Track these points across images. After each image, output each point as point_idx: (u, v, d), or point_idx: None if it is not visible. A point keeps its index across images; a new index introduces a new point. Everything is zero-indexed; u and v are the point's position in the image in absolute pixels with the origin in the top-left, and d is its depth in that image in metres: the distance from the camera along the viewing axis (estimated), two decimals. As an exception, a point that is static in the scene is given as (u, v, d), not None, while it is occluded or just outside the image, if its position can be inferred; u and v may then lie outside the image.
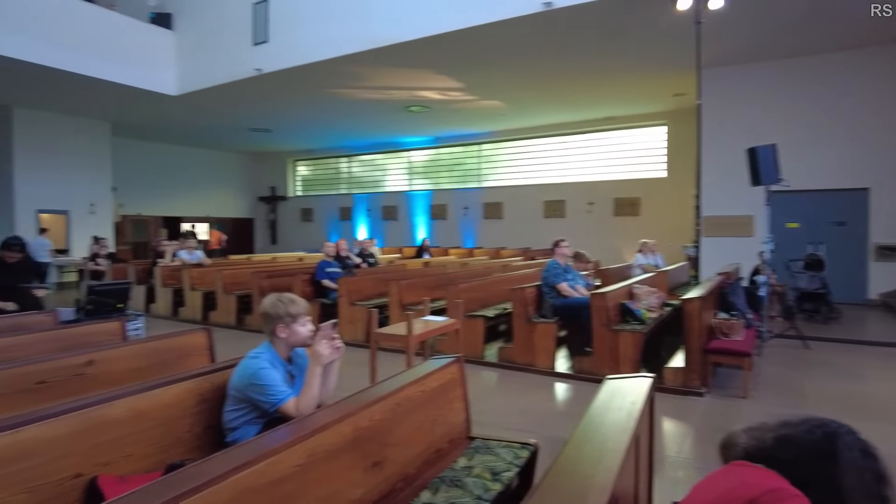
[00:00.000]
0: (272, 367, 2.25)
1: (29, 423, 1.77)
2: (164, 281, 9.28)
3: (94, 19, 10.82)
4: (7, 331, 3.60)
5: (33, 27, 9.71)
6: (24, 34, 9.56)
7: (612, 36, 8.53)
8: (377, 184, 19.44)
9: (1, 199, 13.11)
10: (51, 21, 10.00)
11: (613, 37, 8.56)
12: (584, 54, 9.32)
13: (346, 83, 11.18)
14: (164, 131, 16.19)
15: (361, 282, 7.41)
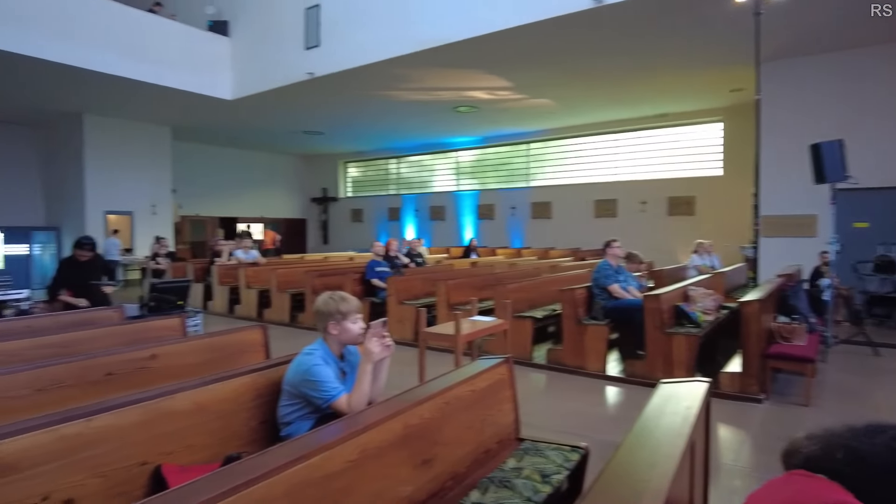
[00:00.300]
0: (325, 363, 2.30)
1: (100, 412, 1.88)
2: (220, 279, 9.63)
3: (157, 29, 11.33)
4: (79, 325, 3.82)
5: (102, 39, 10.25)
6: (94, 46, 10.10)
7: (665, 31, 8.30)
8: (425, 184, 19.58)
9: (73, 200, 13.91)
10: (118, 32, 10.53)
11: (667, 32, 8.33)
12: (637, 50, 9.10)
13: (396, 85, 11.31)
14: (220, 135, 16.79)
15: (410, 281, 7.48)
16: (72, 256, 5.21)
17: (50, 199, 14.82)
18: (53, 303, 5.10)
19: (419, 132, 16.44)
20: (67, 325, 3.77)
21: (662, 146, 14.64)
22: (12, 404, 2.39)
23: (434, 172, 19.41)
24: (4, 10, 9.06)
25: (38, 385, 2.49)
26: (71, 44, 9.78)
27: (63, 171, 14.19)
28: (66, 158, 14.03)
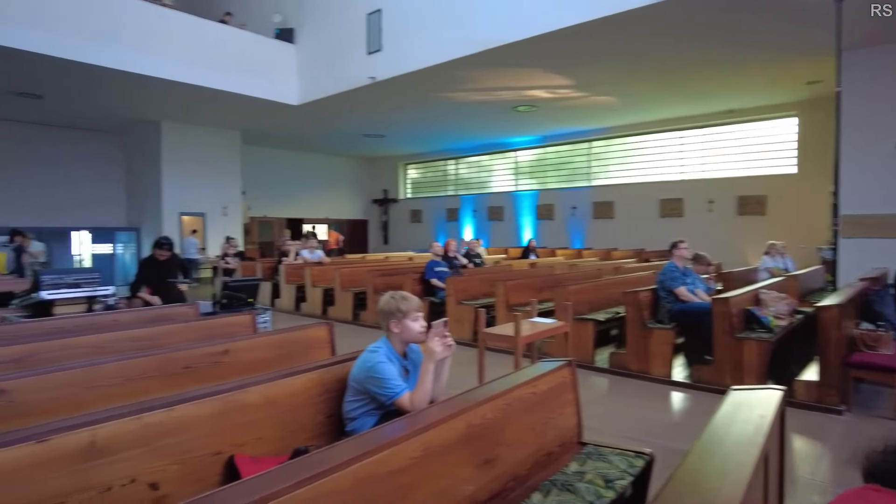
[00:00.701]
0: (389, 361, 2.35)
1: (180, 403, 2.00)
2: (287, 278, 9.98)
3: (228, 39, 11.86)
4: (159, 320, 4.06)
5: (179, 50, 10.84)
6: (172, 57, 10.69)
7: (735, 22, 7.95)
8: (483, 184, 19.58)
9: (151, 202, 14.77)
10: (193, 43, 11.10)
11: (738, 23, 7.97)
12: (706, 43, 8.75)
13: (455, 86, 11.37)
14: (287, 139, 17.38)
15: (468, 281, 7.51)
16: (151, 256, 5.55)
17: (131, 201, 15.80)
18: (133, 299, 5.45)
19: (478, 132, 16.45)
20: (149, 321, 4.02)
21: (731, 143, 14.03)
22: (104, 392, 2.57)
23: (492, 173, 19.37)
24: (96, 28, 9.73)
25: (125, 375, 2.67)
26: (151, 56, 10.39)
27: (143, 175, 15.09)
28: (145, 163, 14.91)
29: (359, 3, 11.24)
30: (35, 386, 2.44)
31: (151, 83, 10.82)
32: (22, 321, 4.02)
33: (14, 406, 2.36)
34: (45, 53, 9.16)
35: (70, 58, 9.42)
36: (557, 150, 17.48)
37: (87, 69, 9.89)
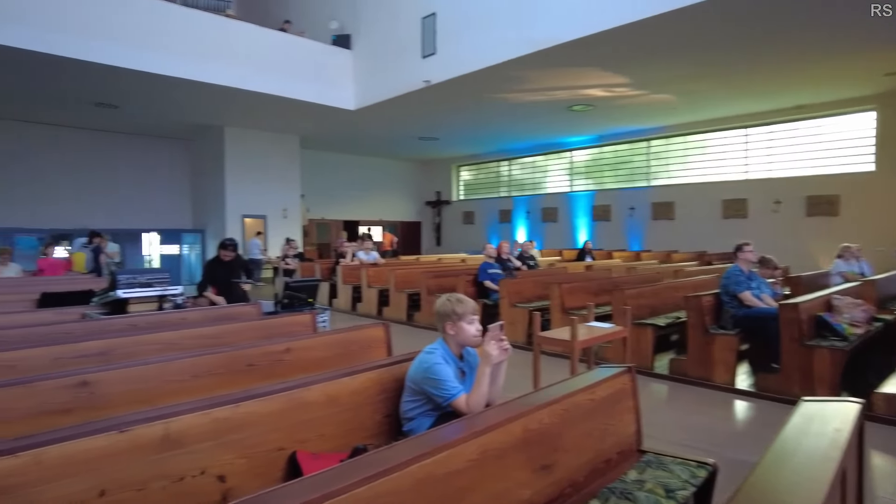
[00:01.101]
0: (445, 363, 2.37)
1: (246, 400, 2.08)
2: (344, 279, 10.21)
3: (288, 46, 12.25)
4: (224, 319, 4.24)
5: (240, 58, 11.28)
6: (236, 65, 11.15)
7: (805, 12, 7.56)
8: (537, 185, 19.39)
9: (215, 205, 15.42)
10: (253, 51, 11.53)
11: (808, 13, 7.58)
12: (773, 37, 8.37)
13: (510, 87, 11.32)
14: (343, 142, 17.78)
15: (522, 284, 7.45)
16: (217, 257, 5.79)
17: (196, 204, 16.55)
18: (200, 298, 5.70)
19: (532, 133, 16.32)
20: (215, 319, 4.20)
21: (800, 140, 13.34)
22: (175, 387, 2.71)
23: (547, 173, 19.16)
24: (167, 41, 10.26)
25: (194, 371, 2.80)
26: (216, 64, 10.87)
27: (207, 179, 15.78)
28: (210, 168, 15.59)
29: (413, 7, 11.37)
30: (114, 379, 2.59)
31: (216, 91, 11.31)
32: (101, 318, 4.29)
33: (96, 397, 2.51)
34: (123, 66, 9.75)
35: (145, 69, 10.00)
36: (614, 149, 17.12)
37: (159, 79, 10.46)
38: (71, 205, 14.28)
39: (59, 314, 4.54)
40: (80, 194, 14.53)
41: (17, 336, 3.58)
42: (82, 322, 4.14)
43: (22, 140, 13.82)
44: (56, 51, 9.11)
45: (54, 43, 9.07)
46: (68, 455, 1.62)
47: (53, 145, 14.29)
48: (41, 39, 8.95)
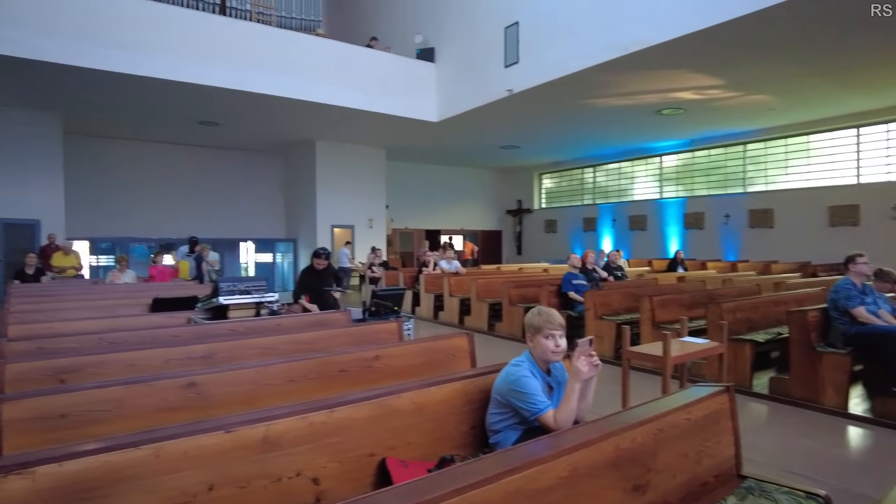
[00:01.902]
0: (532, 376, 2.34)
1: (340, 405, 2.15)
2: (427, 287, 10.36)
3: (375, 62, 12.69)
4: (316, 325, 4.43)
5: (331, 74, 11.80)
6: (326, 82, 11.69)
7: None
8: (624, 192, 18.81)
9: (307, 216, 16.18)
10: (342, 67, 12.03)
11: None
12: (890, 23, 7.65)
13: (595, 92, 11.10)
14: (426, 153, 18.12)
15: (609, 295, 7.23)
16: (311, 265, 6.07)
17: (289, 214, 17.43)
18: (294, 305, 5.98)
19: (618, 138, 15.88)
20: (308, 325, 4.40)
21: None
22: (272, 390, 2.86)
23: (634, 180, 18.55)
24: (264, 60, 10.94)
25: (289, 376, 2.95)
26: (308, 82, 11.45)
27: (300, 190, 16.59)
28: (302, 180, 16.39)
29: (496, 18, 11.43)
30: (218, 381, 2.77)
31: (308, 107, 11.90)
32: (205, 323, 4.60)
33: (202, 398, 2.70)
34: (224, 87, 10.49)
35: (243, 89, 10.69)
36: (707, 154, 16.30)
37: (256, 98, 11.15)
38: (176, 216, 15.47)
39: (169, 318, 4.93)
40: (185, 206, 15.73)
41: (136, 338, 3.92)
42: (188, 326, 4.47)
43: (136, 157, 15.18)
44: (168, 75, 9.96)
45: (166, 68, 9.92)
46: (183, 451, 1.75)
47: (161, 161, 15.58)
48: (157, 65, 9.82)
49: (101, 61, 9.36)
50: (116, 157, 14.88)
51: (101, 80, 9.85)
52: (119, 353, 3.21)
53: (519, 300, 8.36)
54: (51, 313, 5.42)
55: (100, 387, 2.48)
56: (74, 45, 9.15)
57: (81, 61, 9.21)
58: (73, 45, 9.14)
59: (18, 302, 6.04)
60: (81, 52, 9.20)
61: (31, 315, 5.23)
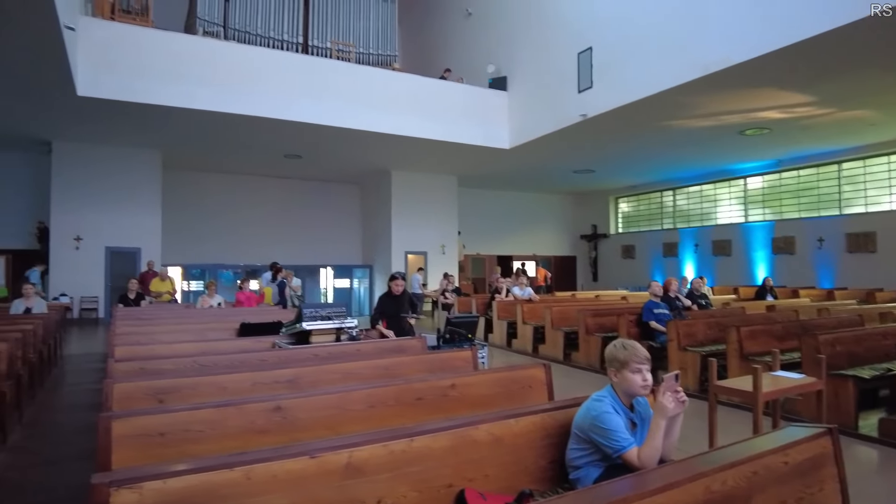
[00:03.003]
0: (614, 412, 2.27)
1: (419, 434, 2.18)
2: (500, 314, 10.30)
3: (448, 93, 12.99)
4: (393, 351, 4.52)
5: (406, 106, 12.19)
6: (402, 114, 12.08)
7: None
8: (706, 216, 18.01)
9: (382, 242, 16.61)
10: (417, 99, 12.41)
11: None
12: None
13: (672, 114, 10.80)
14: (498, 179, 18.20)
15: (693, 325, 6.90)
16: (388, 291, 6.21)
17: (365, 241, 17.96)
18: (372, 331, 6.12)
19: (697, 161, 15.30)
20: (385, 351, 4.49)
21: None
22: (353, 416, 2.93)
23: (716, 203, 17.74)
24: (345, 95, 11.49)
25: (369, 402, 3.01)
26: (385, 114, 11.89)
27: (376, 218, 17.10)
28: (378, 208, 16.90)
29: (568, 44, 11.43)
30: (302, 405, 2.87)
31: (385, 138, 12.32)
32: (289, 347, 4.80)
33: (287, 421, 2.81)
34: (308, 122, 11.09)
35: (325, 123, 11.25)
36: (797, 174, 15.38)
37: (337, 131, 11.70)
38: (261, 243, 16.30)
39: (256, 342, 5.18)
40: (268, 233, 16.57)
41: (225, 361, 4.15)
42: (274, 351, 4.67)
43: (225, 189, 16.23)
44: (256, 112, 10.66)
45: (255, 105, 10.62)
46: (271, 473, 1.83)
47: (248, 192, 16.57)
48: (247, 103, 10.54)
49: (197, 101, 10.17)
50: (207, 188, 15.97)
51: (197, 118, 10.68)
52: (211, 377, 3.41)
53: (596, 329, 8.14)
54: (150, 335, 5.84)
55: (194, 408, 2.64)
56: (173, 87, 10.00)
57: (180, 102, 10.05)
58: (172, 88, 9.98)
59: (122, 324, 6.55)
60: (180, 94, 10.04)
61: (133, 337, 5.65)
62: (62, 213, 12.43)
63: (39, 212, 13.18)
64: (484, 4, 14.37)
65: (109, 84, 9.54)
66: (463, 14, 15.12)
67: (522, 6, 12.89)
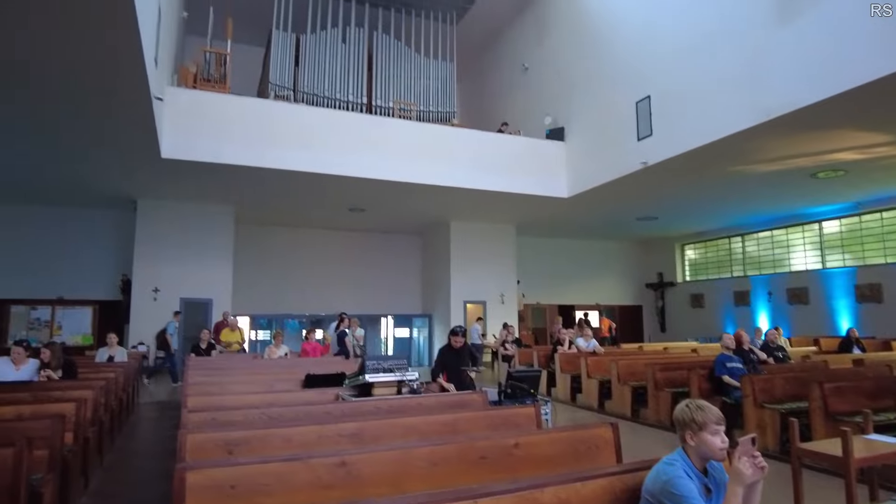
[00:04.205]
0: (687, 477, 2.16)
1: (483, 496, 2.14)
2: (563, 367, 10.03)
3: (506, 145, 13.22)
4: (455, 406, 4.48)
5: (465, 160, 12.47)
6: (461, 167, 12.36)
7: None
8: (779, 262, 17.15)
9: (441, 292, 16.70)
10: (475, 153, 12.68)
11: None
12: None
13: (737, 160, 10.51)
14: (557, 228, 18.10)
15: (771, 380, 6.49)
16: (448, 343, 6.21)
17: (425, 290, 18.12)
18: (432, 384, 6.11)
19: (767, 205, 14.73)
20: (447, 406, 4.46)
21: None
22: (417, 472, 2.91)
23: (789, 248, 16.89)
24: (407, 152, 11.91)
25: (432, 459, 2.99)
26: (445, 168, 12.21)
27: (435, 268, 17.29)
28: (437, 258, 17.11)
29: (626, 93, 11.46)
30: (366, 460, 2.89)
31: (445, 191, 12.61)
32: (352, 400, 4.86)
33: (352, 477, 2.82)
34: (373, 178, 11.55)
35: (388, 178, 11.67)
36: (880, 216, 14.49)
37: (399, 185, 12.07)
38: (324, 292, 16.75)
39: (320, 394, 5.28)
40: (332, 283, 17.03)
41: (292, 413, 4.24)
42: (338, 403, 4.74)
43: (291, 241, 16.90)
44: (324, 169, 11.20)
45: (322, 163, 11.17)
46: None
47: (313, 244, 17.19)
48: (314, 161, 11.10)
49: (270, 160, 10.79)
50: (275, 241, 16.68)
51: (269, 176, 11.31)
52: (278, 429, 3.49)
53: (666, 384, 7.79)
54: (220, 385, 6.07)
55: (263, 462, 2.71)
56: (248, 148, 10.67)
57: (254, 161, 10.69)
58: (247, 148, 10.66)
59: (195, 374, 6.83)
60: (254, 154, 10.69)
61: (205, 387, 5.88)
62: (143, 266, 13.26)
63: (123, 265, 14.12)
64: (540, 59, 14.71)
65: (190, 147, 10.29)
66: (519, 69, 15.52)
67: (578, 59, 13.10)
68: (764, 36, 8.53)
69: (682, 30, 10.17)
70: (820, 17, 7.70)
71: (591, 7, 12.83)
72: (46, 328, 14.23)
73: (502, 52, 16.74)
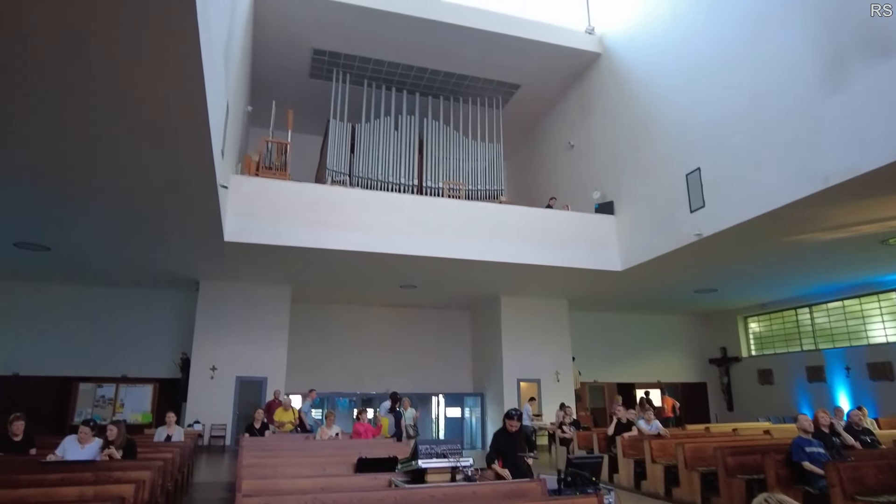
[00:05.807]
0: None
1: None
2: (625, 451, 9.46)
3: (554, 221, 13.27)
4: (511, 496, 4.27)
5: (514, 236, 12.56)
6: (509, 242, 12.45)
7: None
8: (854, 335, 16.03)
9: (493, 369, 16.34)
10: (524, 228, 12.77)
11: None
12: None
13: (796, 228, 10.15)
14: (611, 302, 17.67)
15: (860, 468, 5.90)
16: (503, 427, 6.01)
17: (476, 368, 17.77)
18: (487, 471, 5.86)
19: (834, 274, 14.00)
20: (503, 496, 4.26)
21: None
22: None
23: (865, 319, 15.82)
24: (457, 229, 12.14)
25: (490, 557, 2.82)
26: (494, 244, 12.32)
27: (486, 344, 17.03)
28: (488, 334, 16.88)
29: (675, 166, 11.42)
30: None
31: (494, 267, 12.66)
32: (405, 487, 4.71)
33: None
34: (423, 255, 11.76)
35: (439, 255, 11.86)
36: (963, 286, 13.51)
37: (449, 262, 12.21)
38: (375, 371, 16.68)
39: (372, 480, 5.15)
40: (382, 361, 16.96)
41: (345, 500, 4.14)
42: (390, 491, 4.60)
43: (344, 319, 17.10)
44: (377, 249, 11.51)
45: (376, 243, 11.49)
46: None
47: (364, 321, 17.33)
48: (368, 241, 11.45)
49: (326, 242, 11.19)
50: (328, 318, 16.93)
51: (325, 256, 11.69)
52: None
53: (738, 470, 7.21)
54: (273, 468, 6.02)
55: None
56: (306, 231, 11.12)
57: (311, 243, 11.11)
58: (305, 231, 11.11)
59: (249, 455, 6.81)
60: (311, 236, 11.13)
61: (259, 470, 5.85)
62: (202, 345, 13.66)
63: (182, 343, 14.58)
64: (585, 136, 14.98)
65: (252, 230, 10.82)
66: (566, 147, 15.81)
67: (624, 134, 13.26)
68: (815, 101, 8.42)
69: (728, 99, 10.18)
70: (870, 84, 7.58)
71: (634, 83, 13.11)
72: (110, 405, 14.66)
73: (548, 131, 17.15)
